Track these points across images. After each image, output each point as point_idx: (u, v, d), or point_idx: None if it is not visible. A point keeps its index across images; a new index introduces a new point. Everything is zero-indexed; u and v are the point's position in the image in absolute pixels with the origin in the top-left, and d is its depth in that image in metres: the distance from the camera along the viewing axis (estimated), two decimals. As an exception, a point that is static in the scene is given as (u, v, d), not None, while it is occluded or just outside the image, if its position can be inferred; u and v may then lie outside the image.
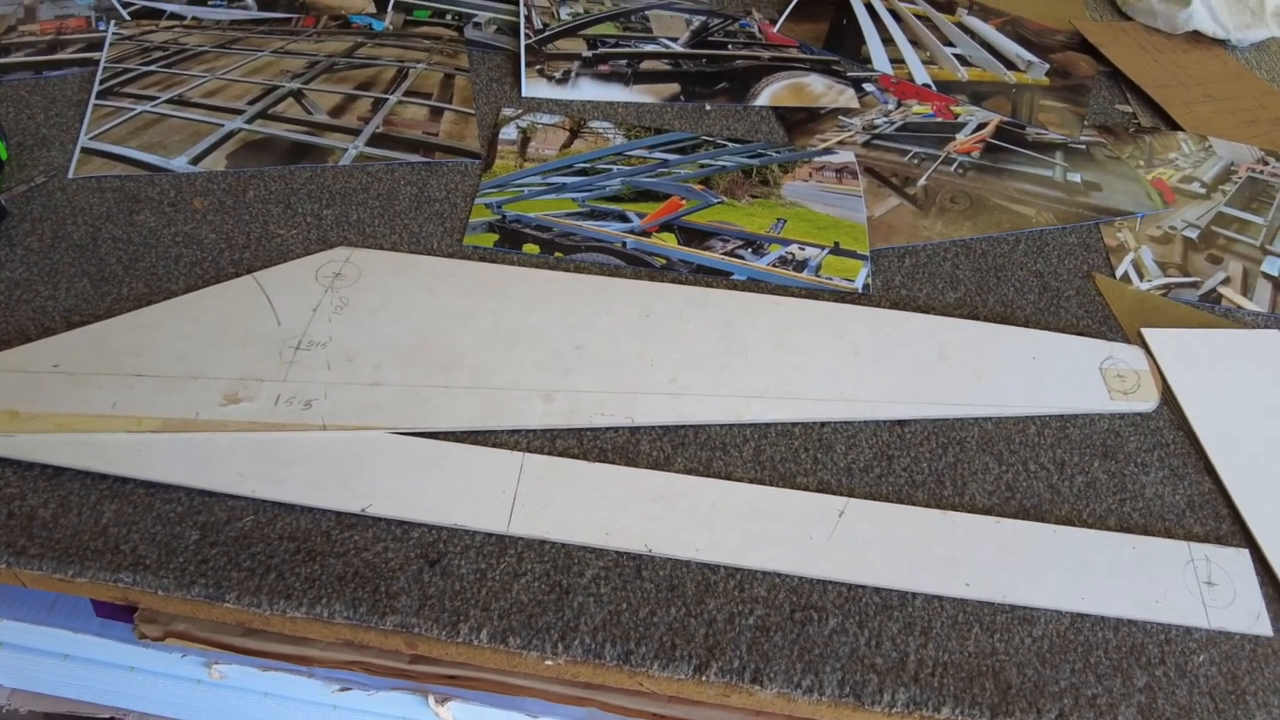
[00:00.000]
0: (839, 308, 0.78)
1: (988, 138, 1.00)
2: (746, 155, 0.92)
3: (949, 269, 0.84)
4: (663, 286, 0.77)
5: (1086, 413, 0.73)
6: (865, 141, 0.97)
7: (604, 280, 0.77)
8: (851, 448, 0.69)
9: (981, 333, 0.78)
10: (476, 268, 0.78)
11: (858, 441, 0.69)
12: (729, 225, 0.84)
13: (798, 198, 0.88)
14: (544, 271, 0.78)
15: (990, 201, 0.91)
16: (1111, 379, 0.76)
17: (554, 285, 0.76)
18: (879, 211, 0.89)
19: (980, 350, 0.76)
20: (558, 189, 0.87)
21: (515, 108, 0.94)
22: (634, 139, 0.92)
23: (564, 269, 0.79)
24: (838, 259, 0.82)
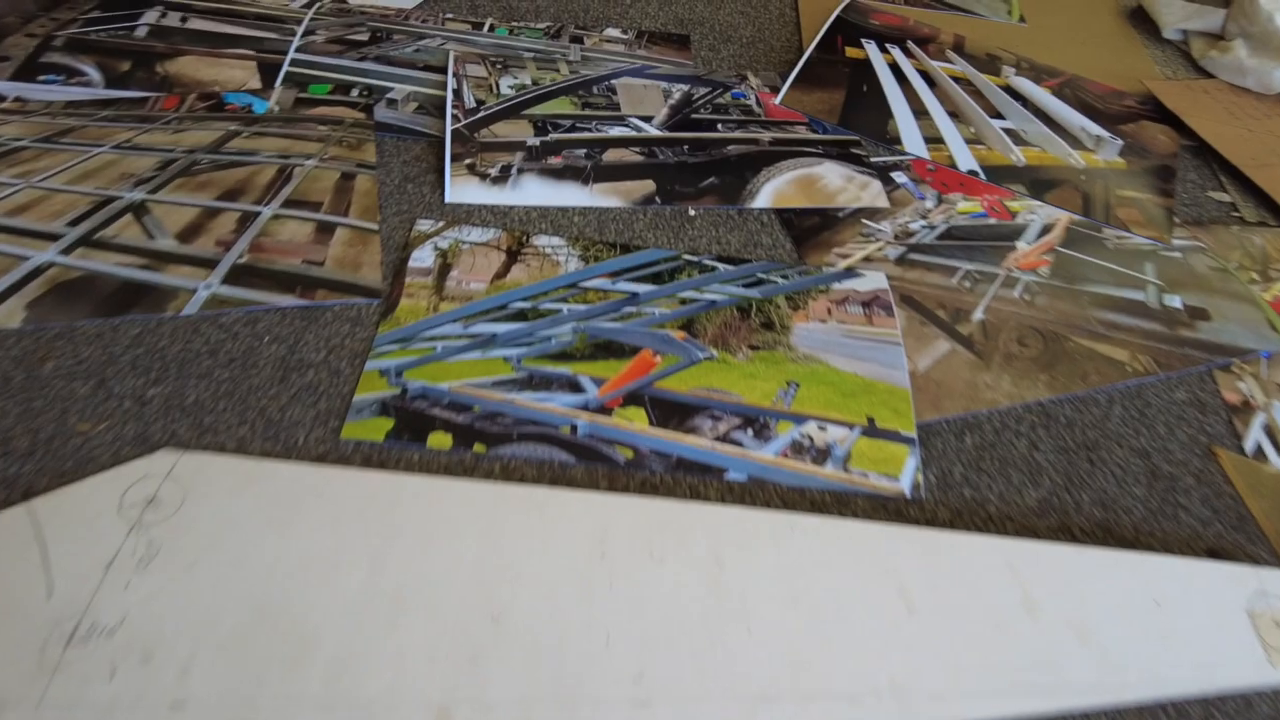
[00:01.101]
0: (880, 530, 0.56)
1: (1056, 245, 0.79)
2: (743, 283, 0.71)
3: (1025, 451, 0.63)
4: (626, 501, 0.55)
5: (1237, 689, 0.52)
6: (900, 256, 0.76)
7: (542, 494, 0.56)
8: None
9: (1080, 564, 0.56)
10: (356, 479, 0.56)
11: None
12: (721, 394, 0.63)
13: (814, 348, 0.67)
14: (455, 482, 0.56)
15: (1069, 342, 0.70)
16: (1267, 628, 0.54)
17: (468, 505, 0.54)
18: (925, 363, 0.68)
19: (1080, 594, 0.54)
20: (484, 343, 0.65)
21: (434, 219, 0.73)
22: (593, 262, 0.71)
23: (485, 474, 0.57)
24: (874, 443, 0.61)
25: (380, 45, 0.90)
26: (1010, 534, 0.58)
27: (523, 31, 0.96)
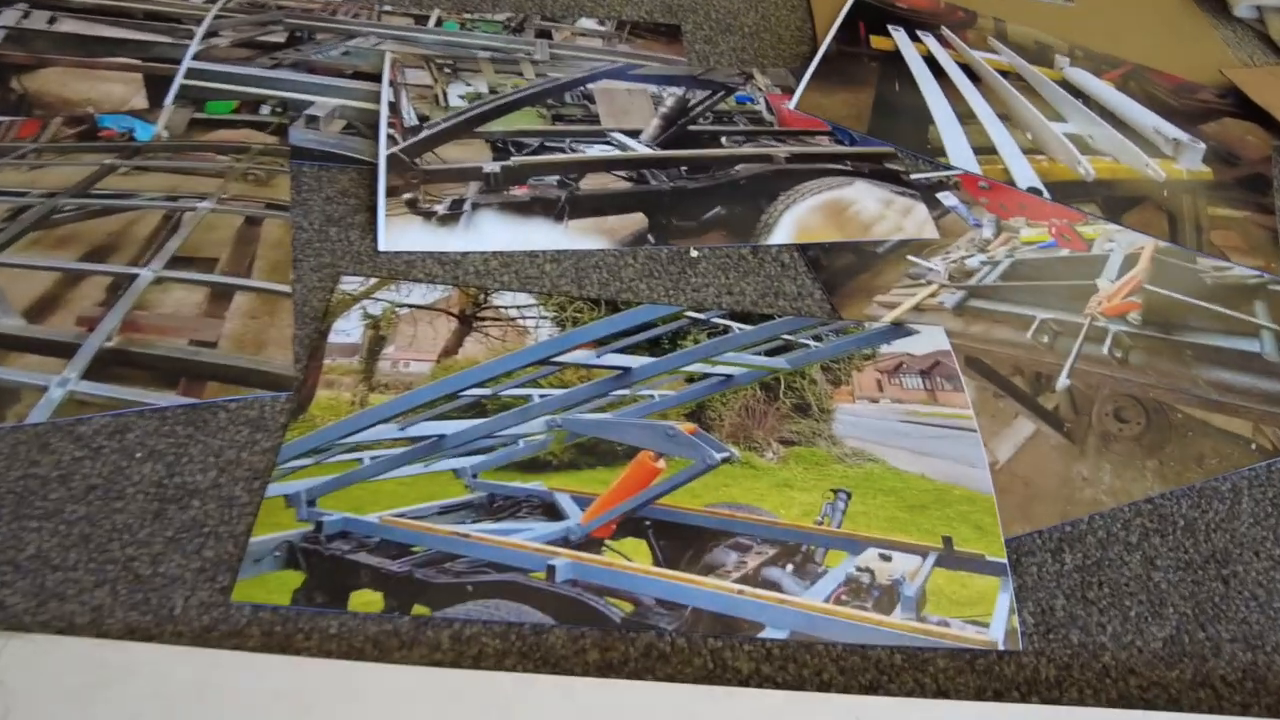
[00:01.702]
0: (978, 713, 0.42)
1: (1144, 282, 0.65)
2: (766, 348, 0.56)
3: (1139, 569, 0.48)
4: (626, 690, 0.41)
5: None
6: (959, 303, 0.62)
7: (509, 684, 0.41)
8: None
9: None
10: (249, 667, 0.41)
11: None
12: (748, 512, 0.48)
13: (866, 439, 0.52)
14: (387, 670, 0.41)
15: (1176, 413, 0.56)
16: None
17: (405, 704, 0.40)
18: (1005, 453, 0.53)
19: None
20: (428, 450, 0.50)
21: (364, 276, 0.59)
22: (571, 326, 0.56)
23: (429, 649, 0.42)
24: (953, 575, 0.46)
25: (300, 48, 0.74)
26: (1136, 694, 0.44)
27: (477, 25, 0.80)
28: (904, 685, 0.43)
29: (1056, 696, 0.44)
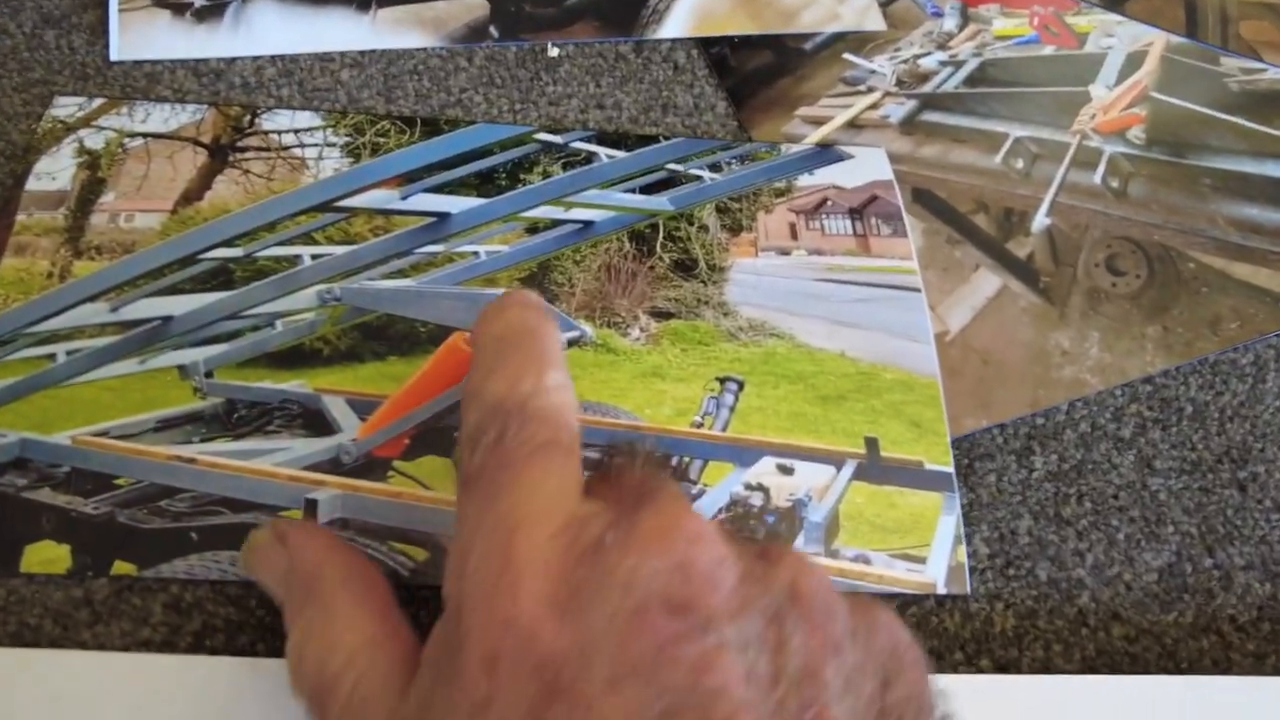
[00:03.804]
0: None
1: (1150, 89, 0.51)
2: (641, 183, 0.41)
3: (1131, 474, 0.36)
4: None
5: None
6: (908, 117, 0.47)
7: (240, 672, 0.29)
8: None
9: (1249, 705, 0.32)
10: None
11: None
12: (600, 413, 0.34)
13: (769, 304, 0.39)
14: (70, 658, 0.28)
15: (1187, 262, 0.43)
16: None
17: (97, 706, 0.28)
18: (959, 318, 0.40)
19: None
20: (147, 338, 0.36)
21: (84, 97, 0.43)
22: (369, 156, 0.41)
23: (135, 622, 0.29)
24: (878, 491, 0.34)
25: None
26: (1120, 648, 0.33)
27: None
28: (806, 647, 0.32)
29: (1014, 657, 0.32)
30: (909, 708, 0.20)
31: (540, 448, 0.22)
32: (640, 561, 0.19)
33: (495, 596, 0.19)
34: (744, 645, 0.19)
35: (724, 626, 0.19)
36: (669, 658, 0.18)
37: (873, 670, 0.20)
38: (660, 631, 0.18)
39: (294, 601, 0.24)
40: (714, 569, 0.20)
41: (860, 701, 0.19)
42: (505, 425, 0.22)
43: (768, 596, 0.20)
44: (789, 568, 0.21)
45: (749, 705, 0.18)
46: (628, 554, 0.20)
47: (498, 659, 0.19)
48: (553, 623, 0.19)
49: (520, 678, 0.18)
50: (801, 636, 0.19)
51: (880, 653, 0.20)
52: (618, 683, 0.18)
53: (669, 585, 0.19)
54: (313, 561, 0.25)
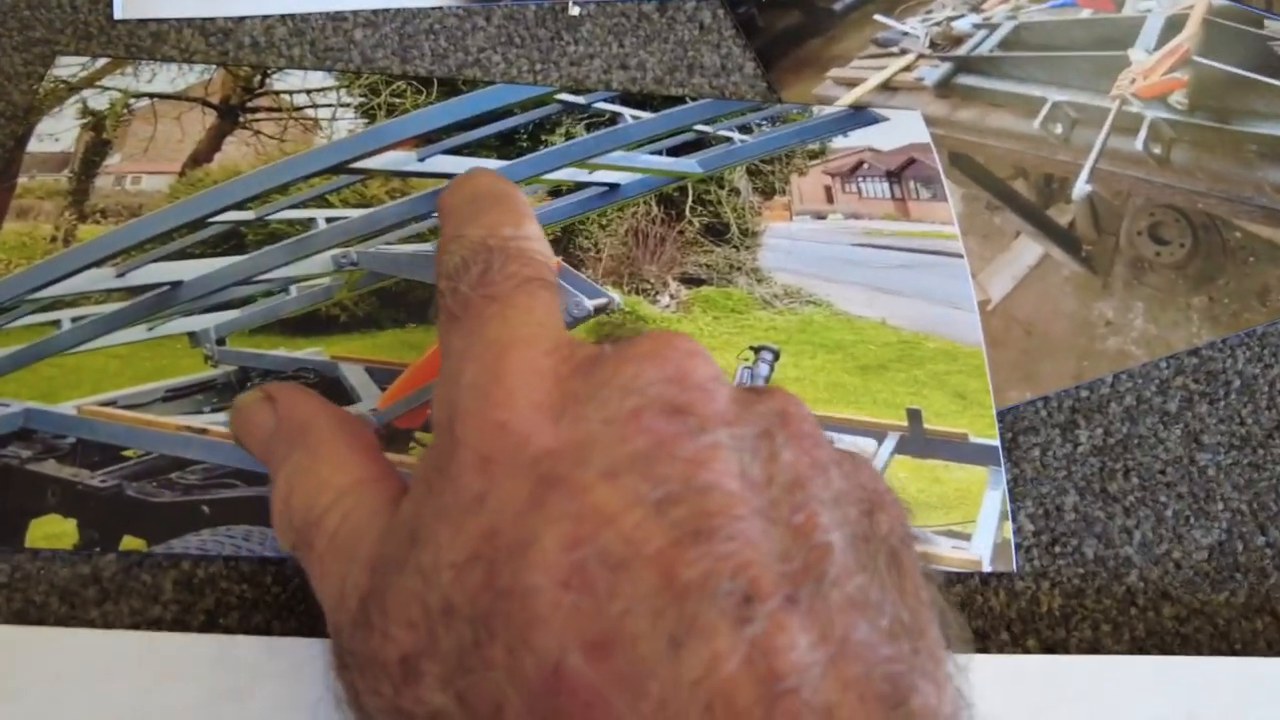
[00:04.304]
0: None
1: (1192, 52, 0.49)
2: (668, 144, 0.39)
3: (1179, 449, 0.35)
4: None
5: None
6: (943, 80, 0.45)
7: (254, 651, 0.28)
8: None
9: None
10: None
11: None
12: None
13: (805, 269, 0.37)
14: (79, 636, 0.27)
15: (1233, 231, 0.41)
16: None
17: (104, 685, 0.27)
18: (1000, 288, 0.39)
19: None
20: (156, 304, 0.35)
21: (87, 57, 0.41)
22: (385, 117, 0.39)
23: (145, 602, 0.28)
24: (920, 467, 0.33)
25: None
26: (1170, 628, 0.32)
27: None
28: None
29: (1062, 637, 0.31)
30: (898, 538, 0.20)
31: (526, 281, 0.21)
32: (638, 370, 0.19)
33: (488, 405, 0.19)
34: (739, 449, 0.18)
35: (719, 429, 0.19)
36: (666, 453, 0.18)
37: (857, 499, 0.20)
38: (657, 430, 0.18)
39: (280, 452, 0.23)
40: (709, 382, 0.20)
41: (849, 518, 0.19)
42: (489, 261, 0.22)
43: (759, 414, 0.20)
44: (779, 397, 0.21)
45: (743, 498, 0.17)
46: (624, 364, 0.19)
47: (492, 459, 0.18)
48: (548, 425, 0.19)
49: (516, 473, 0.18)
50: (791, 453, 0.19)
51: (864, 487, 0.20)
52: (615, 474, 0.17)
53: (665, 391, 0.19)
54: (302, 414, 0.24)
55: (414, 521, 0.19)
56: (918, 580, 0.19)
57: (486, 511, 0.18)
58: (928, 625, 0.19)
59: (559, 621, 0.16)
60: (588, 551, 0.17)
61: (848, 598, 0.17)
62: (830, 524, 0.18)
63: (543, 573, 0.17)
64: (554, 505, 0.17)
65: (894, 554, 0.19)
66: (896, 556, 0.19)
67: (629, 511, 0.17)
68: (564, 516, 0.17)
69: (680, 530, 0.17)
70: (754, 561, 0.17)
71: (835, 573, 0.17)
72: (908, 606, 0.18)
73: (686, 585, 0.16)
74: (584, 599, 0.16)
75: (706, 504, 0.17)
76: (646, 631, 0.16)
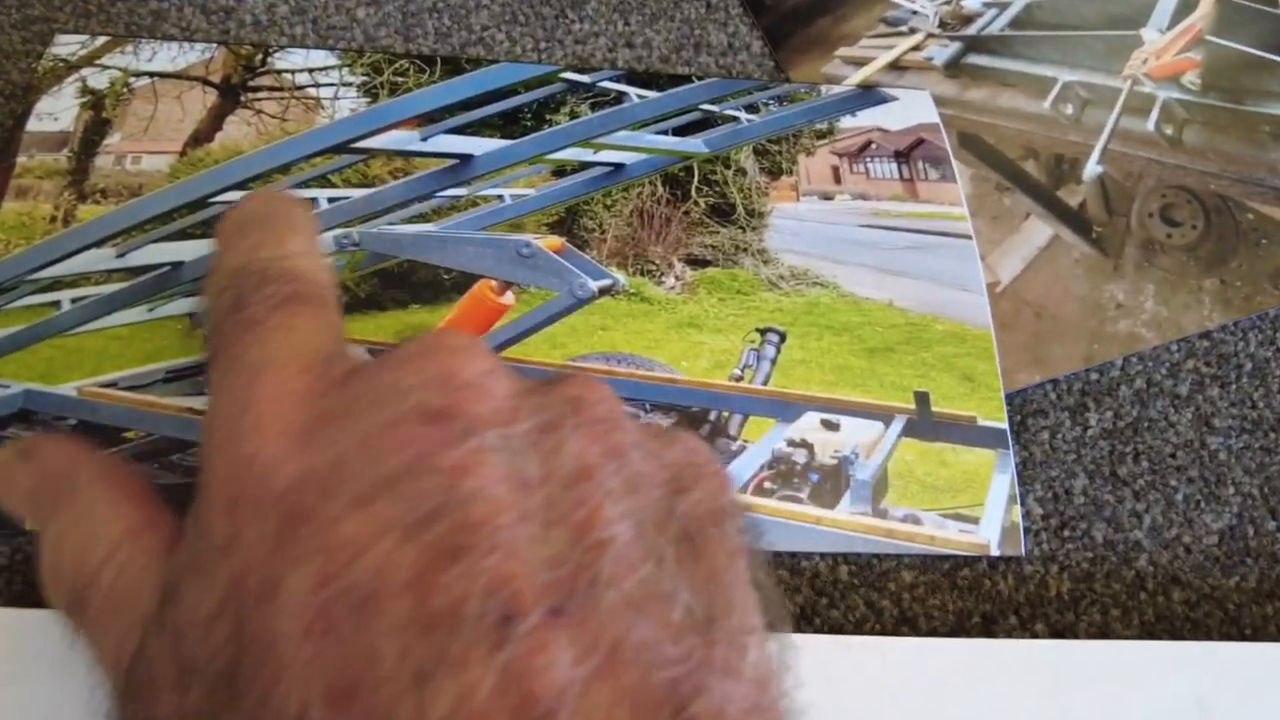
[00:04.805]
0: (956, 652, 0.29)
1: (1206, 31, 0.48)
2: (673, 123, 0.39)
3: (1189, 433, 0.34)
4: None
5: None
6: (952, 60, 0.45)
7: None
8: None
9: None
10: None
11: None
12: (634, 366, 0.32)
13: (811, 250, 0.36)
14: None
15: (1245, 212, 0.41)
16: None
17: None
18: (1010, 269, 0.38)
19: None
20: (156, 285, 0.34)
21: (86, 35, 0.40)
22: (387, 96, 0.39)
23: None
24: (928, 450, 0.32)
25: None
26: (1180, 613, 0.31)
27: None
28: (852, 611, 0.30)
29: (1071, 622, 0.31)
30: (704, 515, 0.18)
31: (284, 301, 0.20)
32: (398, 377, 0.18)
33: (236, 439, 0.18)
34: (509, 449, 0.17)
35: (487, 431, 0.17)
36: (425, 466, 0.16)
37: (662, 479, 0.18)
38: (416, 442, 0.17)
39: (45, 510, 0.22)
40: (481, 378, 0.18)
41: (645, 503, 0.17)
42: (243, 287, 0.20)
43: (544, 406, 0.18)
44: (574, 384, 0.19)
45: (509, 504, 0.16)
46: (383, 372, 0.18)
47: (239, 499, 0.17)
48: (297, 452, 0.17)
49: (263, 511, 0.17)
50: (578, 443, 0.18)
51: (672, 465, 0.19)
52: (367, 500, 0.16)
53: (427, 395, 0.17)
54: (64, 465, 0.22)
55: (170, 575, 0.18)
56: (722, 560, 0.18)
57: (235, 557, 0.17)
58: (731, 610, 0.17)
59: (301, 671, 0.15)
60: (335, 590, 0.15)
61: (625, 597, 0.16)
62: (615, 515, 0.17)
63: (289, 619, 0.15)
64: (301, 543, 0.16)
65: (690, 536, 0.18)
66: (694, 538, 0.18)
67: (380, 539, 0.16)
68: (313, 553, 0.16)
69: (435, 551, 0.15)
70: (515, 574, 0.15)
71: (611, 571, 0.16)
72: (705, 591, 0.17)
73: (437, 613, 0.15)
74: (328, 643, 0.15)
75: (467, 516, 0.16)
76: (391, 671, 0.15)
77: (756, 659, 0.17)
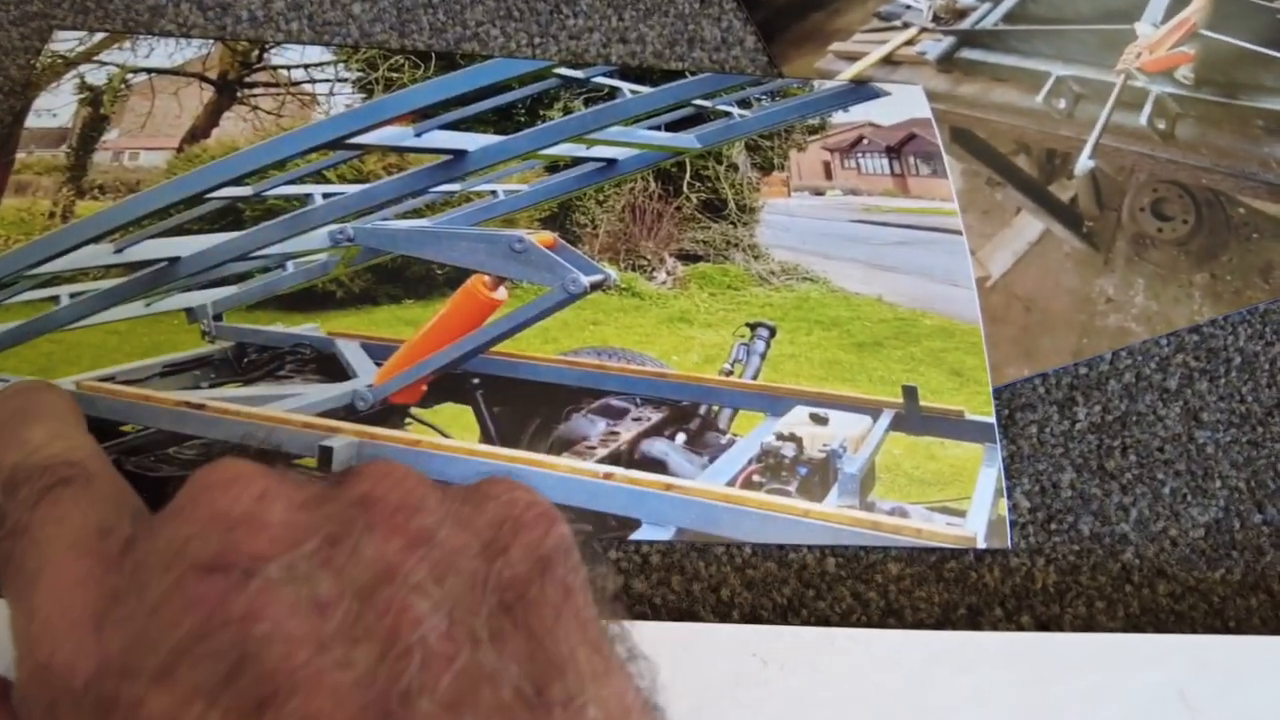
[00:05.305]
0: (942, 644, 0.30)
1: (1200, 26, 0.48)
2: (666, 119, 0.39)
3: (1178, 427, 0.34)
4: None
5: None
6: (945, 54, 0.45)
7: None
8: None
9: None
10: None
11: None
12: (625, 360, 0.33)
13: (802, 246, 0.37)
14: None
15: (1238, 208, 0.41)
16: None
17: None
18: (1001, 263, 0.38)
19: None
20: (152, 282, 0.34)
21: (84, 32, 0.40)
22: (382, 92, 0.39)
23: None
24: (915, 444, 0.33)
25: None
26: (1165, 605, 0.32)
27: None
28: (839, 603, 0.31)
29: (1056, 614, 0.31)
30: (525, 573, 0.18)
31: (44, 494, 0.20)
32: (172, 534, 0.17)
33: (33, 648, 0.17)
34: (295, 578, 0.17)
35: (267, 566, 0.17)
36: (216, 623, 0.16)
37: (477, 549, 0.18)
38: (202, 598, 0.16)
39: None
40: (253, 508, 0.18)
41: (459, 583, 0.17)
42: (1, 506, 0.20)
43: (330, 516, 0.18)
44: (362, 479, 0.19)
45: (307, 636, 0.16)
46: (159, 534, 0.18)
47: (52, 704, 0.17)
48: (91, 641, 0.17)
49: (77, 709, 0.17)
50: (374, 545, 0.17)
51: (487, 527, 0.19)
52: (166, 672, 0.16)
53: (203, 545, 0.17)
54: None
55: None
56: (548, 618, 0.18)
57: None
58: (565, 668, 0.17)
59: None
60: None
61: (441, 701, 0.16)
62: (423, 611, 0.16)
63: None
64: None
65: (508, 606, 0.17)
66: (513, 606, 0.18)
67: (187, 710, 0.15)
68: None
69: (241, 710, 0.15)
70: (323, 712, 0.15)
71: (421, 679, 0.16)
72: (533, 659, 0.17)
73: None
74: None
75: (265, 664, 0.15)
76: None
77: (596, 716, 0.17)
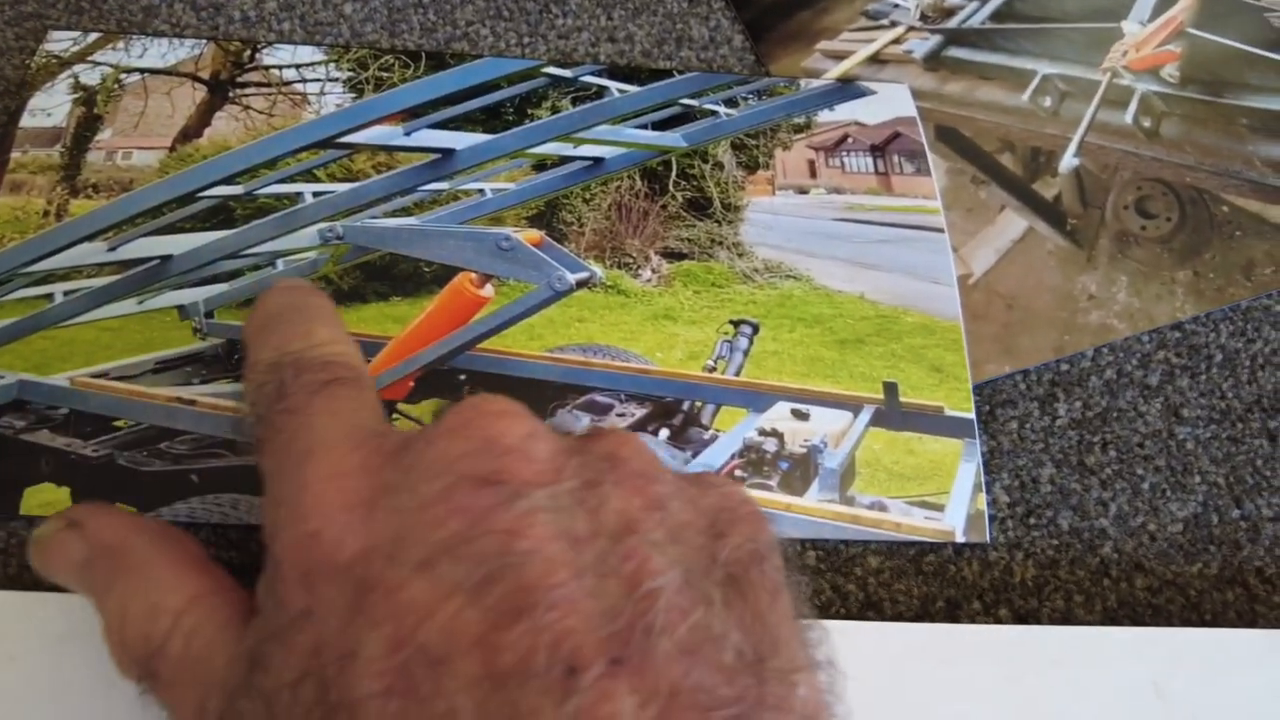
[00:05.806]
0: (920, 636, 0.30)
1: (1186, 24, 0.48)
2: (653, 118, 0.39)
3: (1158, 424, 0.35)
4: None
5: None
6: (932, 53, 0.45)
7: None
8: None
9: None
10: None
11: None
12: (610, 357, 0.33)
13: (785, 244, 0.37)
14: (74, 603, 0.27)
15: (1221, 206, 0.41)
16: None
17: (102, 649, 0.27)
18: (984, 261, 0.39)
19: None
20: (146, 278, 0.35)
21: (79, 32, 0.40)
22: (372, 92, 0.39)
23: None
24: (895, 440, 0.33)
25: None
26: (1142, 599, 0.32)
27: None
28: (819, 595, 0.31)
29: (1034, 607, 0.31)
30: (744, 557, 0.19)
31: (323, 386, 0.21)
32: (447, 447, 0.19)
33: (298, 519, 0.19)
34: (557, 508, 0.18)
35: (535, 492, 0.18)
36: (480, 530, 0.17)
37: (702, 526, 0.19)
38: (470, 507, 0.18)
39: (101, 581, 0.22)
40: (523, 442, 0.19)
41: (689, 551, 0.18)
42: (282, 379, 0.21)
43: (584, 464, 0.19)
44: (609, 440, 0.20)
45: (564, 561, 0.17)
46: (434, 443, 0.19)
47: (310, 572, 0.18)
48: (360, 524, 0.18)
49: (335, 582, 0.18)
50: (620, 498, 0.19)
51: (709, 510, 0.20)
52: (429, 564, 0.17)
53: (477, 462, 0.18)
54: (117, 535, 0.23)
55: (253, 645, 0.19)
56: (765, 600, 0.19)
57: (312, 626, 0.18)
58: (778, 648, 0.18)
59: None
60: (409, 651, 0.16)
61: (679, 644, 0.17)
62: (662, 565, 0.18)
63: (369, 681, 0.16)
64: (373, 609, 0.17)
65: (734, 579, 0.19)
66: (738, 581, 0.19)
67: (447, 601, 0.17)
68: (385, 619, 0.17)
69: (499, 611, 0.16)
70: (575, 629, 0.16)
71: (664, 620, 0.17)
72: (754, 631, 0.18)
73: (506, 669, 0.16)
74: (409, 703, 0.16)
75: (525, 577, 0.17)
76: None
77: (806, 694, 0.17)
